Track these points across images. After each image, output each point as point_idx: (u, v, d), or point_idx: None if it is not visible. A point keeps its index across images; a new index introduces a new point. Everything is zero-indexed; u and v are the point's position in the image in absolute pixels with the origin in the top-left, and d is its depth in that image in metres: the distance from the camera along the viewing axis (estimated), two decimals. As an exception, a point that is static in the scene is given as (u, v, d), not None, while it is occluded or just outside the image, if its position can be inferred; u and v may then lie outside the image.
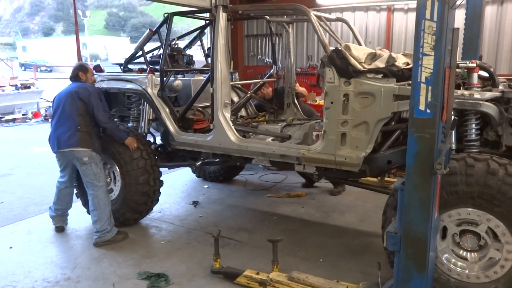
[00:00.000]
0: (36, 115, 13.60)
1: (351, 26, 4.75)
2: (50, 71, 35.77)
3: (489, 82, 3.29)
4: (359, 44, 4.48)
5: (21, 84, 14.84)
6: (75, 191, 4.50)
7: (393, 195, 2.93)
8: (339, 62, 3.31)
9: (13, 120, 13.15)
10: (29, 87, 14.84)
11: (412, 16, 6.15)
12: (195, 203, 5.20)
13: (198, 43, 5.53)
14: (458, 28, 2.43)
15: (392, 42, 6.39)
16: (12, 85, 14.49)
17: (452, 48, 2.37)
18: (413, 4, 6.11)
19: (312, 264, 3.59)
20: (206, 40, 6.75)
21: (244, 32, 7.96)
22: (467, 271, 2.78)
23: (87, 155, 3.98)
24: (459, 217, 2.73)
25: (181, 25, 42.73)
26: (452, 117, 2.60)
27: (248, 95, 5.11)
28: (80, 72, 4.18)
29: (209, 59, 4.81)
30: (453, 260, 2.82)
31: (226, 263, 3.44)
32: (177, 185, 6.07)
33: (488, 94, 3.02)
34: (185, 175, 6.45)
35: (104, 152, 4.23)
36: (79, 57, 7.63)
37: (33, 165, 7.15)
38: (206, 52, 5.46)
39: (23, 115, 13.49)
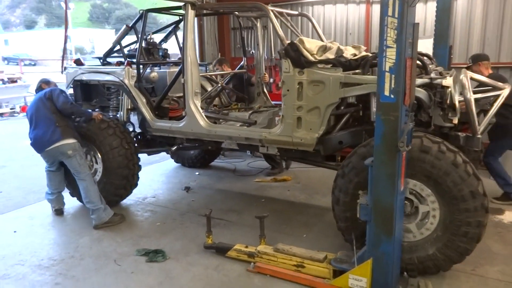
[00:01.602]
0: (24, 109, 13.64)
1: (313, 20, 5.19)
2: (34, 64, 35.34)
3: (422, 70, 3.67)
4: (320, 37, 4.92)
5: (7, 78, 14.84)
6: (68, 191, 4.84)
7: (351, 161, 3.30)
8: (293, 54, 3.70)
9: (1, 115, 13.19)
10: (15, 81, 14.84)
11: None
12: (187, 189, 5.50)
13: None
14: (418, 23, 2.77)
15: (371, 34, 6.71)
16: (-2, 80, 14.49)
17: (413, 40, 2.70)
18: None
19: (296, 239, 3.93)
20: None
21: (231, 25, 8.20)
22: (412, 232, 3.20)
23: (71, 148, 4.29)
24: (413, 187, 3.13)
25: (167, 17, 42.40)
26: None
27: (219, 85, 5.49)
28: (43, 84, 4.61)
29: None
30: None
31: (217, 240, 3.76)
32: (170, 173, 6.36)
33: (419, 81, 3.37)
34: (176, 163, 6.74)
35: (87, 141, 4.61)
36: (65, 50, 7.72)
37: (25, 157, 7.33)
38: (181, 45, 5.75)
39: (11, 109, 13.53)
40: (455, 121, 3.39)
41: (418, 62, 3.58)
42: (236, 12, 5.50)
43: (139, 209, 4.87)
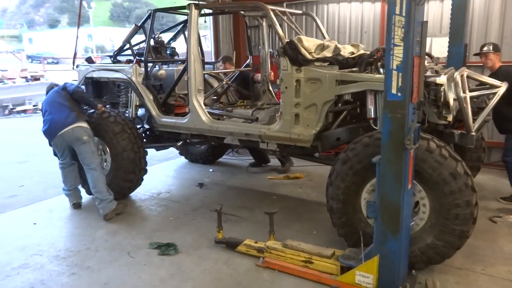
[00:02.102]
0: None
1: (316, 19, 5.29)
2: (57, 63, 36.17)
3: None
4: (323, 36, 5.02)
5: (31, 76, 15.31)
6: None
7: (335, 169, 3.40)
8: (291, 52, 3.78)
9: (24, 111, 13.61)
10: (38, 79, 15.30)
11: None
12: (201, 185, 5.59)
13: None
14: (427, 22, 2.77)
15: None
16: (22, 77, 14.96)
17: (421, 39, 2.71)
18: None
19: (305, 236, 3.97)
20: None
21: (255, 23, 8.23)
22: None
23: (86, 134, 4.48)
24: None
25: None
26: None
27: (224, 83, 5.61)
28: (54, 85, 4.83)
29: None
30: None
31: (228, 235, 3.83)
32: (184, 169, 6.48)
33: None
34: (213, 164, 6.86)
35: (98, 137, 4.84)
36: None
37: (46, 152, 7.47)
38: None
39: (33, 106, 13.96)
40: (450, 118, 3.43)
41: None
42: (242, 12, 5.56)
43: (153, 204, 4.99)
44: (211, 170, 6.38)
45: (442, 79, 3.41)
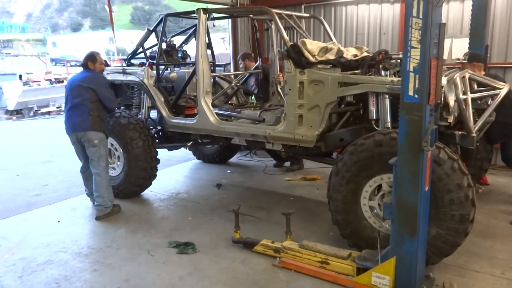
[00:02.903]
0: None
1: (324, 22, 5.39)
2: (77, 65, 36.96)
3: None
4: (330, 39, 5.09)
5: (55, 78, 15.72)
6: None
7: (336, 165, 3.49)
8: (294, 55, 3.87)
9: (49, 113, 14.02)
10: (62, 81, 15.68)
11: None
12: (218, 186, 5.67)
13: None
14: (445, 23, 2.76)
15: (406, 33, 6.60)
16: (46, 80, 15.38)
17: (439, 41, 2.70)
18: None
19: (322, 237, 3.98)
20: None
21: (264, 26, 8.30)
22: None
23: (98, 138, 4.51)
24: (390, 180, 3.20)
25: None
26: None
27: (233, 84, 5.72)
28: (89, 61, 4.65)
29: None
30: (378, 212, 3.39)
31: (245, 235, 3.88)
32: (202, 170, 6.57)
33: None
34: (223, 164, 6.95)
35: (115, 138, 5.01)
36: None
37: (70, 153, 7.68)
38: None
39: (57, 108, 14.34)
40: (450, 120, 3.44)
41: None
42: (251, 15, 5.64)
43: (172, 203, 5.08)
44: (228, 171, 6.45)
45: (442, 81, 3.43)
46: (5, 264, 3.64)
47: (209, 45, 5.48)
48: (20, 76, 14.26)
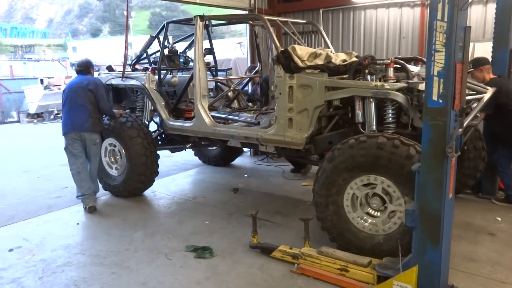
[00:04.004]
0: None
1: (320, 28, 5.60)
2: (98, 70, 37.54)
3: (404, 74, 3.88)
4: (327, 45, 5.27)
5: (74, 82, 15.99)
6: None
7: (322, 167, 3.58)
8: (284, 60, 4.01)
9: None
10: (81, 86, 15.97)
11: (446, 11, 6.25)
12: (235, 190, 5.65)
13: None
14: (470, 27, 2.69)
15: (426, 37, 6.50)
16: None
17: (464, 44, 2.64)
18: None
19: (341, 243, 3.92)
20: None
21: (282, 30, 8.30)
22: (377, 226, 3.42)
23: (98, 138, 5.02)
24: (362, 182, 3.38)
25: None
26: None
27: (231, 88, 5.86)
28: (90, 68, 5.12)
29: (204, 59, 5.72)
30: (369, 220, 3.48)
31: (262, 240, 3.84)
32: (219, 174, 6.57)
33: (397, 85, 3.61)
34: (226, 166, 6.94)
35: (115, 138, 5.27)
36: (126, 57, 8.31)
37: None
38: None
39: (77, 111, 14.56)
40: None
41: (398, 66, 3.84)
42: (250, 21, 5.75)
43: (189, 207, 5.09)
44: (245, 175, 6.44)
45: (423, 85, 3.47)
46: (26, 265, 3.69)
47: (210, 51, 5.78)
48: (42, 81, 14.55)
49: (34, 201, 5.45)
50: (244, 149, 6.82)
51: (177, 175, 6.65)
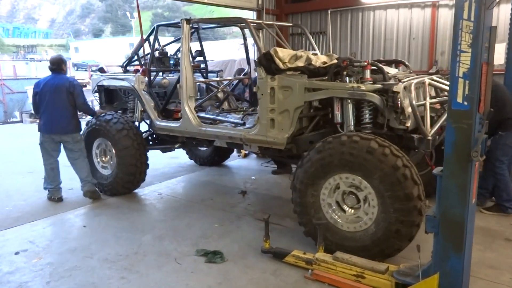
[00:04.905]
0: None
1: (306, 31, 5.77)
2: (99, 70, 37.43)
3: (381, 76, 3.94)
4: (314, 49, 5.50)
5: (77, 83, 15.94)
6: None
7: (301, 166, 3.70)
8: (265, 62, 4.10)
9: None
10: (85, 86, 15.89)
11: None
12: (243, 193, 5.56)
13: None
14: (496, 27, 2.61)
15: (437, 38, 6.44)
16: (70, 84, 15.60)
17: (489, 45, 2.56)
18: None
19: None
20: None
21: (289, 31, 8.24)
22: (342, 221, 3.57)
23: (79, 135, 5.30)
24: (347, 181, 3.47)
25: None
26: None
27: (220, 90, 5.91)
28: (62, 64, 5.27)
29: (195, 61, 6.13)
30: (336, 211, 3.62)
31: (274, 245, 3.75)
32: (226, 177, 6.49)
33: (372, 86, 3.70)
34: (233, 167, 6.85)
35: (106, 138, 5.43)
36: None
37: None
38: (193, 55, 6.26)
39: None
40: (408, 124, 3.64)
41: (374, 68, 3.91)
42: (243, 23, 5.74)
43: (197, 210, 5.00)
44: (253, 177, 6.35)
45: (398, 87, 3.63)
46: (33, 268, 3.61)
47: (201, 53, 6.14)
48: (44, 80, 14.49)
49: (40, 203, 5.38)
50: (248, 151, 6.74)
51: (184, 176, 6.58)
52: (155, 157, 7.16)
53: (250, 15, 7.92)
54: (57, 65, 5.17)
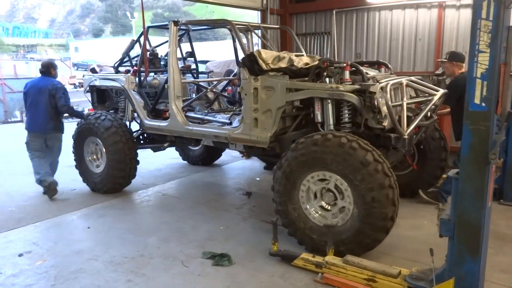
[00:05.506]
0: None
1: (292, 33, 6.01)
2: (101, 70, 37.39)
3: (361, 77, 4.01)
4: (300, 50, 5.58)
5: (78, 83, 15.90)
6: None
7: (281, 164, 3.78)
8: (248, 63, 4.18)
9: (72, 117, 14.10)
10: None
11: (465, 12, 6.13)
12: (248, 194, 5.51)
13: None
14: (514, 26, 2.56)
15: (443, 39, 6.38)
16: (71, 84, 15.57)
17: (507, 45, 2.51)
18: (466, 1, 6.09)
19: (366, 252, 3.77)
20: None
21: (295, 31, 8.17)
22: (328, 219, 3.64)
23: (60, 136, 5.63)
24: (318, 178, 3.60)
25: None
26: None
27: (207, 90, 5.94)
28: (51, 68, 5.59)
29: (186, 62, 6.27)
30: (319, 212, 3.71)
31: (281, 247, 3.69)
32: (231, 177, 6.44)
33: (350, 87, 3.80)
34: (237, 168, 6.79)
35: (94, 136, 5.55)
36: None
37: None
38: (184, 55, 6.39)
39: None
40: (385, 123, 3.75)
41: (354, 69, 4.03)
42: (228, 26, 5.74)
43: (203, 211, 4.94)
44: (257, 179, 6.30)
45: (375, 87, 3.72)
46: (38, 271, 3.55)
47: (192, 54, 6.29)
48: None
49: (42, 203, 5.32)
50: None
51: (187, 177, 6.52)
52: (158, 158, 7.13)
53: (255, 15, 7.87)
54: (47, 68, 5.54)
